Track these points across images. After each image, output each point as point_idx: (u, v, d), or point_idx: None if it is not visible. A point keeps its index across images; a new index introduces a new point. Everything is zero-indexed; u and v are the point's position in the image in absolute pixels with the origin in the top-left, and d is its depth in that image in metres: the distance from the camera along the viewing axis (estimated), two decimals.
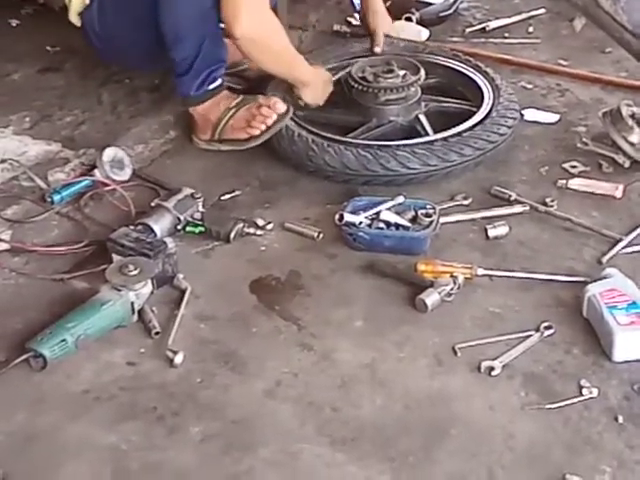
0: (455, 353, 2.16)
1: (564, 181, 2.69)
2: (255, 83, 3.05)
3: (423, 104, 2.93)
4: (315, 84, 2.92)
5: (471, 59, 3.13)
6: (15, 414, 2.03)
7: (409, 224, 2.48)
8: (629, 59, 3.05)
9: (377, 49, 3.17)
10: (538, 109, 3.05)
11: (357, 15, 3.39)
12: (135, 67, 3.10)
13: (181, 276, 2.37)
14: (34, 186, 2.67)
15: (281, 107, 2.79)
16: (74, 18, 2.95)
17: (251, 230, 2.54)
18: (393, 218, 2.48)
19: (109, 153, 2.68)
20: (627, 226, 2.52)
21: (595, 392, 2.04)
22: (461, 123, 2.79)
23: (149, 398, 2.07)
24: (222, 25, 2.72)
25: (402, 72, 2.93)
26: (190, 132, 2.91)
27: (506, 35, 3.54)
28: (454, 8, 3.63)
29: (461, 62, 3.11)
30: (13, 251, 2.46)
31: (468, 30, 3.58)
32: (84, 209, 2.62)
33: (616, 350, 2.11)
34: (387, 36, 3.20)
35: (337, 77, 3.02)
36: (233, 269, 2.44)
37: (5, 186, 2.67)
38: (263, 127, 2.79)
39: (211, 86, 2.81)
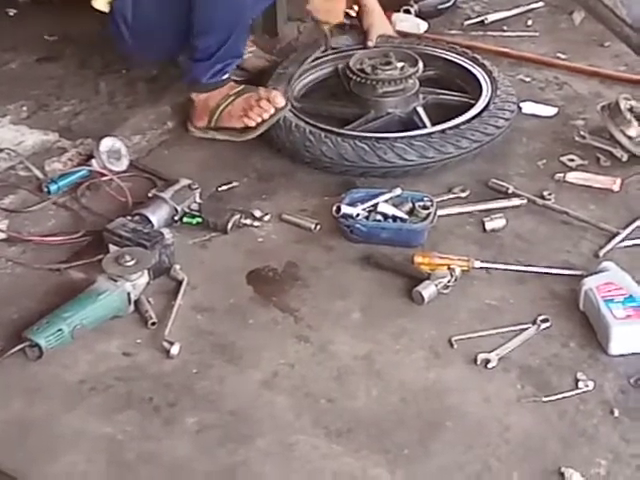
0: (451, 345, 2.16)
1: (562, 174, 2.69)
2: (254, 75, 3.04)
3: (421, 96, 2.92)
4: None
5: (469, 51, 3.12)
6: (11, 403, 2.03)
7: (406, 216, 2.48)
8: (628, 53, 3.04)
9: (370, 44, 3.14)
10: (536, 102, 3.05)
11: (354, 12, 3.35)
12: (158, 57, 3.05)
13: (178, 267, 2.37)
14: (31, 176, 2.67)
15: (280, 101, 2.78)
16: (100, 4, 2.88)
17: (248, 221, 2.53)
18: (390, 210, 2.48)
19: (106, 143, 2.68)
20: (624, 220, 2.52)
21: (591, 385, 2.04)
22: (459, 115, 2.78)
23: (145, 389, 2.07)
24: None
25: (400, 64, 2.92)
26: (187, 120, 2.91)
27: (505, 28, 3.53)
28: (453, 1, 3.62)
29: (459, 54, 3.11)
30: (9, 241, 2.46)
31: (466, 23, 3.57)
32: (81, 199, 2.61)
33: (612, 343, 2.11)
34: (381, 36, 3.18)
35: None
36: (230, 260, 2.43)
37: (2, 175, 2.68)
38: (259, 119, 2.79)
39: (223, 77, 2.82)
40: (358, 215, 2.46)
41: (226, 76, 2.83)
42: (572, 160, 2.77)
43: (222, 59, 2.79)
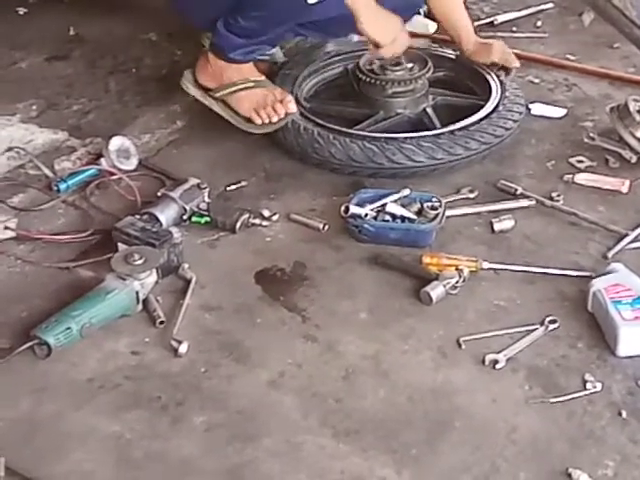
0: (459, 346, 2.16)
1: (570, 176, 2.69)
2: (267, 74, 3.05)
3: (431, 97, 2.92)
4: (385, 19, 2.68)
5: None
6: (19, 401, 2.04)
7: (415, 217, 2.48)
8: (637, 54, 3.04)
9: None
10: (545, 103, 3.05)
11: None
12: (211, 19, 2.81)
13: (186, 266, 2.37)
14: (40, 174, 2.67)
15: (292, 108, 2.77)
16: None
17: (257, 221, 2.53)
18: (399, 211, 2.48)
19: (116, 142, 2.68)
20: (633, 221, 2.51)
21: (599, 387, 2.04)
22: (468, 116, 2.78)
23: (153, 387, 2.07)
24: None
25: (410, 65, 2.92)
26: (187, 72, 2.86)
27: (514, 29, 3.54)
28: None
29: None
30: (19, 239, 2.47)
31: (476, 24, 3.55)
32: (90, 198, 2.62)
33: (620, 345, 2.11)
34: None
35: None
36: (238, 260, 2.44)
37: (11, 174, 2.68)
38: (267, 120, 2.78)
39: (250, 58, 2.78)
40: (366, 215, 2.46)
41: (253, 58, 2.79)
42: (581, 161, 2.77)
43: (256, 44, 2.75)
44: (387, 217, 2.48)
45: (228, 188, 2.68)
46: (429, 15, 3.47)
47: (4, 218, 2.49)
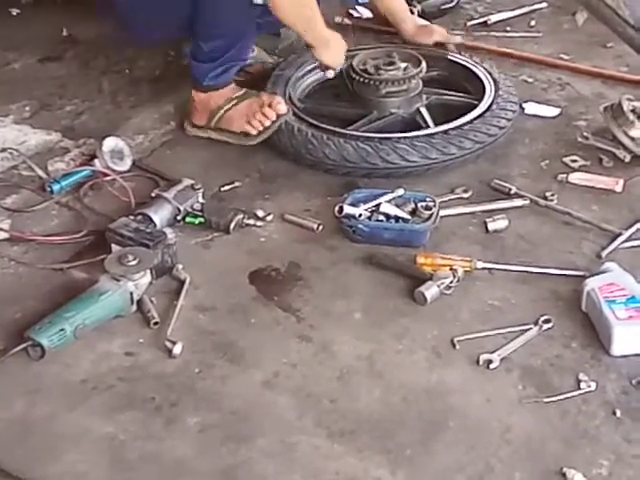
0: (454, 346, 2.16)
1: (564, 175, 2.69)
2: (257, 78, 3.05)
3: (424, 97, 2.92)
4: (334, 44, 2.83)
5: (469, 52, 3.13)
6: (13, 403, 2.03)
7: (409, 217, 2.48)
8: (631, 54, 3.05)
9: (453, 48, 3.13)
10: (539, 103, 3.05)
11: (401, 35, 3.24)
12: (156, 37, 2.97)
13: (180, 267, 2.37)
14: (34, 175, 2.67)
15: (282, 108, 2.78)
16: None
17: (251, 221, 2.53)
18: (393, 211, 2.48)
19: (109, 143, 2.68)
20: (627, 220, 2.52)
21: (593, 386, 2.04)
22: (462, 116, 2.78)
23: (147, 388, 2.07)
24: None
25: (404, 64, 2.92)
26: (184, 117, 2.90)
27: (508, 29, 3.53)
28: (456, 1, 3.62)
29: (462, 55, 3.10)
30: (12, 240, 2.47)
31: (469, 23, 3.57)
32: (84, 199, 2.62)
33: (614, 344, 2.11)
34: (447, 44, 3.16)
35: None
36: (232, 260, 2.44)
37: (5, 175, 2.68)
38: (261, 127, 2.79)
39: (226, 79, 2.82)
40: (360, 215, 2.46)
41: (228, 79, 2.83)
42: (575, 161, 2.77)
43: (225, 63, 2.79)
44: (381, 217, 2.48)
45: (222, 189, 2.68)
46: (423, 15, 3.48)
47: None
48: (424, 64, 2.92)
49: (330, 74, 2.90)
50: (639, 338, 2.12)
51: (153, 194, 2.55)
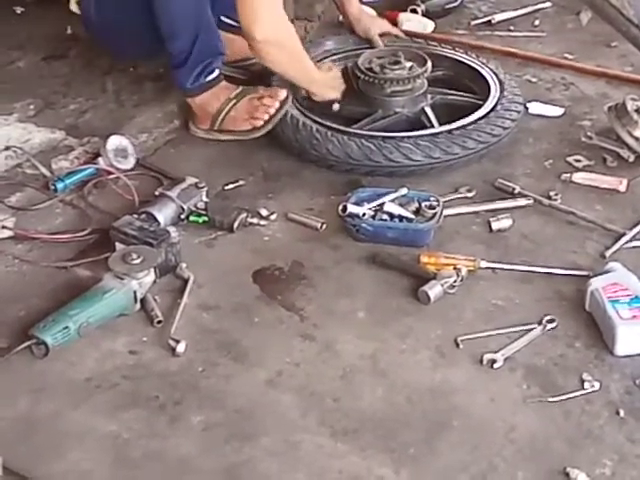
0: (457, 345, 2.16)
1: (568, 175, 2.69)
2: (259, 76, 3.04)
3: (429, 96, 2.92)
4: (330, 81, 2.91)
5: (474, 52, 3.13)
6: (17, 401, 2.04)
7: (412, 216, 2.48)
8: (635, 53, 3.04)
9: (380, 45, 3.15)
10: (543, 102, 3.04)
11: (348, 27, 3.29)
12: (132, 57, 3.08)
13: (184, 265, 2.37)
14: (38, 174, 2.67)
15: (282, 94, 2.79)
16: (74, 6, 2.95)
17: (254, 220, 2.53)
18: (397, 210, 2.48)
19: (113, 141, 2.68)
20: (631, 220, 2.52)
21: (597, 386, 2.04)
22: (466, 116, 2.78)
23: (151, 387, 2.07)
24: (237, 25, 2.72)
25: (409, 64, 2.92)
26: (188, 121, 2.91)
27: (511, 28, 3.53)
28: (460, 0, 3.62)
29: (468, 55, 3.10)
30: (16, 238, 2.46)
31: (473, 23, 3.57)
32: (88, 197, 2.62)
33: (618, 344, 2.11)
34: (384, 34, 3.19)
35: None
36: (236, 259, 2.44)
37: (9, 173, 2.68)
38: (266, 117, 2.79)
39: (208, 78, 2.81)
40: (364, 214, 2.46)
41: (211, 77, 2.81)
42: (579, 160, 2.77)
43: (198, 61, 2.77)
44: (385, 216, 2.48)
45: (226, 187, 2.68)
46: (427, 14, 3.48)
47: (1, 217, 2.49)
48: (429, 63, 2.92)
49: (336, 107, 2.91)
50: None
51: (157, 193, 2.55)
